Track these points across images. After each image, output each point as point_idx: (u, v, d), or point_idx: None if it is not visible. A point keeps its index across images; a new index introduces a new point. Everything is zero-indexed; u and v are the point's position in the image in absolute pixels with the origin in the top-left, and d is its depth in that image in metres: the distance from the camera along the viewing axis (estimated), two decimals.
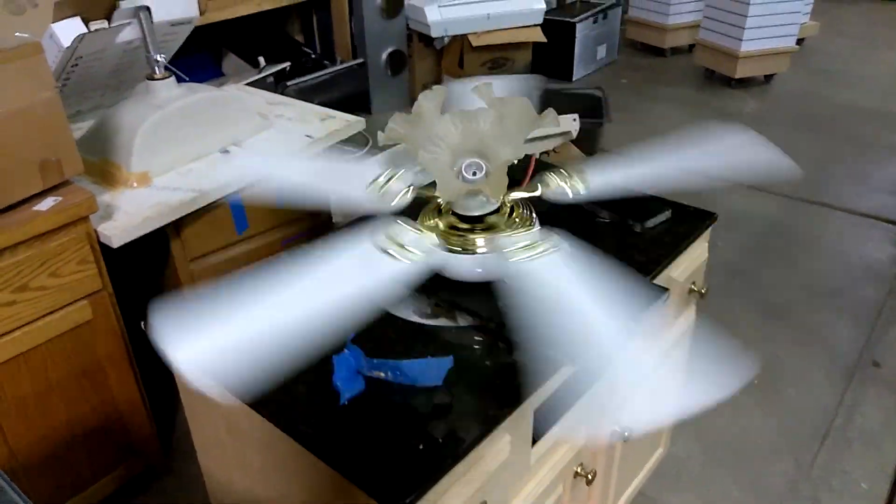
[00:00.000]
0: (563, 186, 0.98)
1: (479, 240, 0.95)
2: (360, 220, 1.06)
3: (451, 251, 0.95)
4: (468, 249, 0.95)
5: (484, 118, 0.91)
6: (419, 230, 0.92)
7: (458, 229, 0.97)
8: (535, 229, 0.96)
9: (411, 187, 0.97)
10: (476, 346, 0.92)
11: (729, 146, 1.04)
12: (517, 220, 1.00)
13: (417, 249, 0.89)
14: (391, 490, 0.73)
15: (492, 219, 0.97)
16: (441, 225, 0.98)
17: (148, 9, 1.49)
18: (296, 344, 0.73)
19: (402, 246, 0.89)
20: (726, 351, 0.84)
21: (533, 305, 0.82)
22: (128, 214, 1.35)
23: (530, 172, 1.14)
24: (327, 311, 0.77)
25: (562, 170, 1.01)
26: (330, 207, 1.73)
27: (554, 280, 0.85)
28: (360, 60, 3.40)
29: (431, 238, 0.93)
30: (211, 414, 0.99)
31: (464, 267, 0.95)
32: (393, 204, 0.96)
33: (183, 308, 0.75)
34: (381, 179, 0.97)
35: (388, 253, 0.88)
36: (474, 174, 0.93)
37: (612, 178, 1.00)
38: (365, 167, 1.03)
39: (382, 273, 0.87)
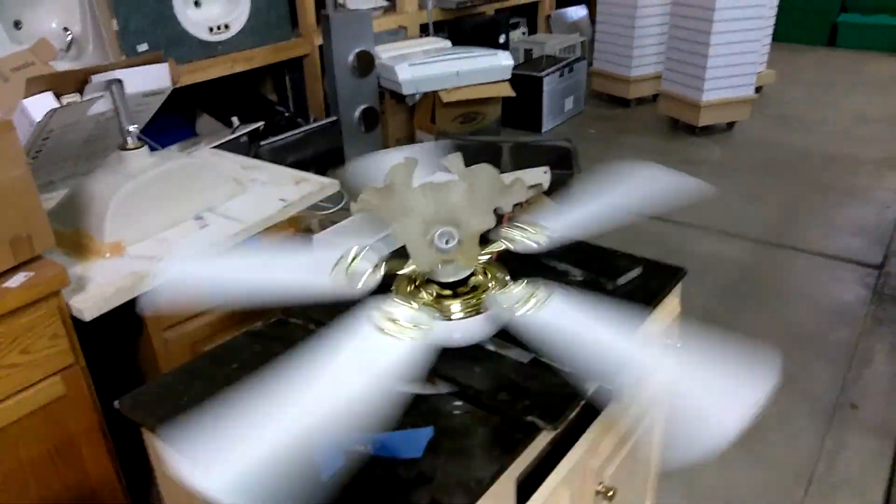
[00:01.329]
0: (525, 240, 1.01)
1: (472, 302, 0.96)
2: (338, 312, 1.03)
3: (451, 319, 0.95)
4: (467, 313, 0.96)
5: (455, 189, 0.93)
6: (413, 305, 0.91)
7: (443, 297, 0.98)
8: (522, 283, 0.97)
9: (379, 265, 0.97)
10: (456, 413, 0.92)
11: (645, 179, 1.15)
12: (497, 276, 1.01)
13: (420, 324, 0.88)
14: None
15: (474, 280, 0.99)
16: (426, 296, 0.98)
17: (120, 81, 1.51)
18: (322, 452, 0.74)
19: (402, 325, 0.87)
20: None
21: (560, 347, 0.87)
22: (100, 286, 1.34)
23: (506, 221, 1.16)
24: (351, 411, 0.75)
25: (518, 224, 1.03)
26: (283, 300, 1.67)
27: (570, 320, 0.90)
28: (333, 118, 3.45)
29: (428, 311, 0.92)
30: (190, 498, 0.96)
31: (472, 331, 0.97)
32: (362, 285, 0.95)
33: (195, 428, 0.73)
34: (343, 261, 0.96)
35: (392, 335, 0.86)
36: (447, 242, 0.94)
37: (562, 226, 1.05)
38: (317, 251, 1.02)
39: (393, 357, 0.84)
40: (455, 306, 0.97)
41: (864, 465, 1.74)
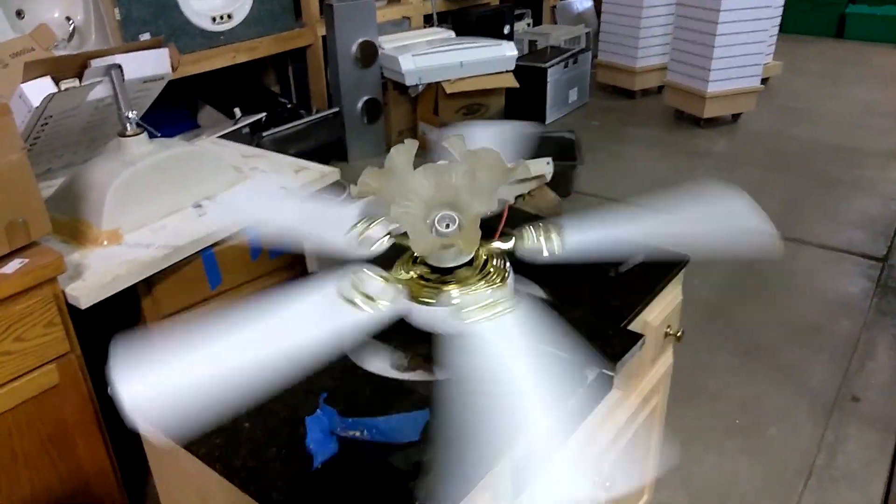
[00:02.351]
0: (540, 243, 0.98)
1: (444, 292, 0.95)
2: (333, 269, 1.05)
3: (415, 301, 0.94)
4: (430, 301, 0.95)
5: (456, 172, 0.92)
6: (385, 279, 0.93)
7: (427, 280, 0.97)
8: (504, 284, 0.96)
9: (388, 235, 0.97)
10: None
11: (718, 212, 1.00)
12: (491, 271, 0.99)
13: (381, 299, 0.90)
14: None
15: (462, 272, 0.97)
16: (412, 274, 0.98)
17: (119, 67, 1.49)
18: (245, 389, 0.74)
19: (365, 295, 0.90)
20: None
21: (481, 367, 0.83)
22: (97, 273, 1.33)
23: (503, 222, 1.15)
24: (282, 357, 0.77)
25: (539, 224, 1.00)
26: (305, 254, 1.72)
27: (500, 343, 0.86)
28: (335, 109, 3.43)
29: (397, 287, 0.93)
30: (182, 483, 0.96)
31: (421, 319, 0.95)
32: (370, 250, 0.96)
33: (141, 346, 0.75)
34: (360, 225, 0.97)
35: (351, 301, 0.89)
36: (447, 227, 0.93)
37: (590, 238, 0.99)
38: (346, 212, 1.03)
39: (343, 321, 0.87)
40: (425, 292, 0.96)
41: (864, 459, 1.73)
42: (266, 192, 1.62)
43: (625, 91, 4.52)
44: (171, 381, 0.74)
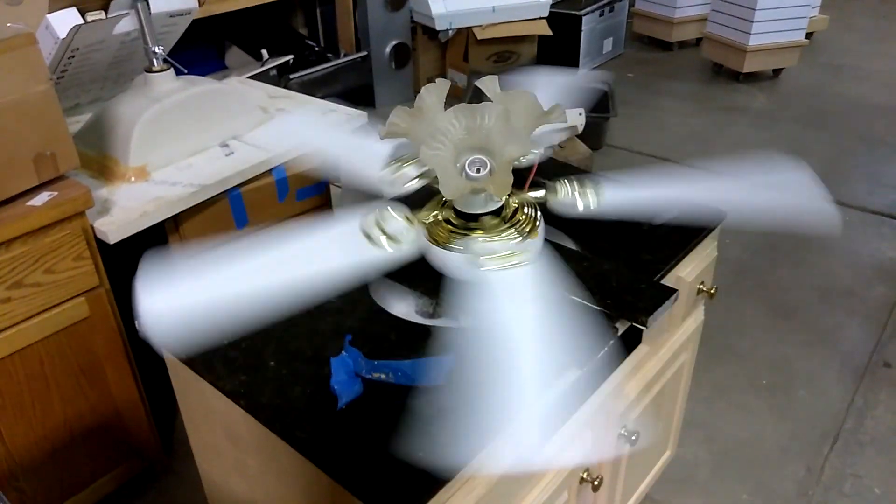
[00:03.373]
0: (574, 197, 0.95)
1: (465, 239, 0.92)
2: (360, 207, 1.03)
3: (434, 245, 0.92)
4: (451, 246, 0.92)
5: (489, 113, 0.88)
6: (409, 219, 0.91)
7: (452, 224, 0.94)
8: (526, 236, 0.93)
9: (421, 175, 0.95)
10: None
11: (779, 183, 0.95)
12: (522, 219, 0.97)
13: (401, 239, 0.89)
14: (390, 500, 0.70)
15: (487, 219, 0.94)
16: (439, 217, 0.95)
17: None
18: (258, 311, 0.77)
19: (385, 232, 0.89)
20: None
21: (489, 318, 0.83)
22: (125, 210, 1.33)
23: (532, 175, 1.11)
24: (297, 285, 0.79)
25: (576, 179, 0.97)
26: (332, 194, 1.72)
27: (507, 297, 0.85)
28: (363, 53, 3.37)
29: (418, 229, 0.91)
30: (208, 418, 0.96)
31: (436, 263, 0.93)
32: (403, 188, 0.94)
33: (165, 266, 0.77)
34: (396, 163, 0.95)
35: (370, 237, 0.89)
36: (478, 171, 0.90)
37: (628, 197, 0.96)
38: (385, 149, 1.00)
39: (360, 256, 0.87)
40: (446, 236, 0.93)
41: (893, 425, 1.70)
42: (308, 122, 1.60)
43: (662, 42, 4.37)
44: (190, 297, 0.76)
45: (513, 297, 0.84)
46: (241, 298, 0.77)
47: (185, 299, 0.75)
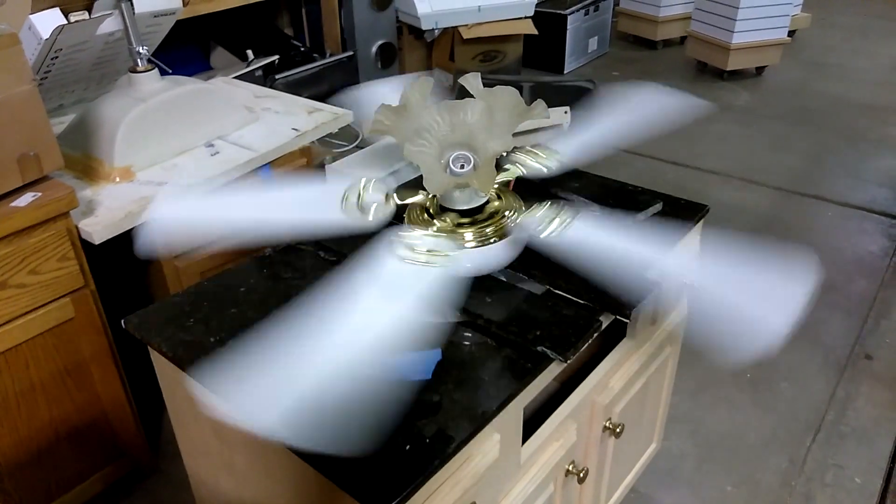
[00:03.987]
0: (536, 164, 1.00)
1: (492, 228, 0.94)
2: (353, 245, 1.03)
3: (474, 246, 0.93)
4: (487, 240, 0.93)
5: (472, 109, 0.89)
6: (432, 233, 0.92)
7: (462, 225, 0.95)
8: (545, 205, 0.95)
9: (388, 195, 0.95)
10: (465, 343, 0.90)
11: (647, 99, 1.15)
12: (514, 203, 0.98)
13: (443, 251, 0.89)
14: (377, 492, 0.71)
15: (491, 207, 0.96)
16: (443, 224, 0.96)
17: None
18: (374, 385, 0.75)
19: (425, 253, 0.88)
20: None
21: (591, 264, 0.89)
22: (110, 210, 1.32)
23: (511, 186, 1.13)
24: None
25: (529, 148, 1.01)
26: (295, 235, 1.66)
27: (598, 238, 0.92)
28: (349, 53, 3.37)
29: (447, 239, 0.92)
30: (196, 416, 0.96)
31: (497, 257, 0.95)
32: (376, 216, 0.94)
33: (226, 365, 0.77)
34: (352, 194, 0.95)
35: (415, 263, 0.88)
36: (462, 167, 0.91)
37: (573, 149, 1.04)
38: (328, 188, 1.01)
39: (421, 284, 0.86)
40: (473, 233, 0.94)
41: (874, 416, 1.72)
42: (277, 136, 1.59)
43: (646, 41, 4.40)
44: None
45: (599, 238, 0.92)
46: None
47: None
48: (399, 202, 0.96)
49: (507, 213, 0.97)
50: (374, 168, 1.22)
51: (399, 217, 0.99)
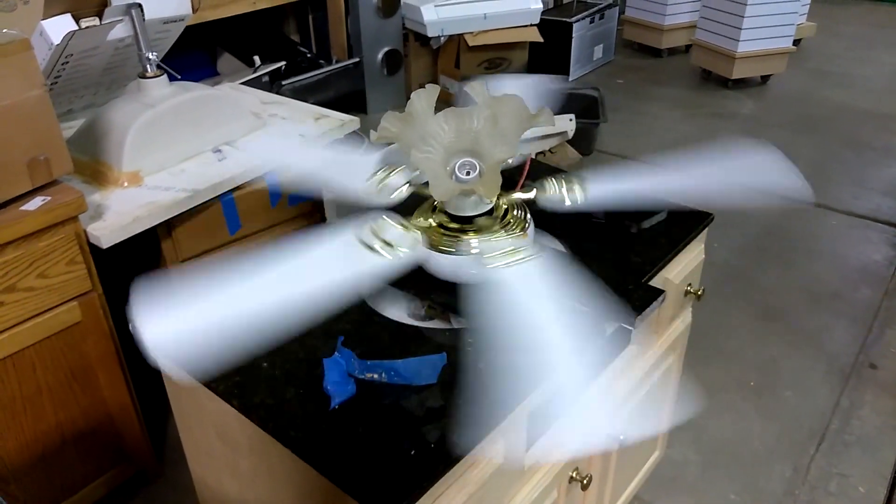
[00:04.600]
0: (561, 193, 0.98)
1: (464, 241, 0.94)
2: (352, 217, 1.05)
3: (434, 250, 0.94)
4: (449, 250, 0.94)
5: (477, 117, 0.90)
6: (405, 226, 0.93)
7: (447, 228, 0.96)
8: (525, 233, 0.95)
9: (408, 184, 0.96)
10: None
11: (748, 165, 1.02)
12: (511, 221, 0.98)
13: (400, 246, 0.90)
14: (381, 497, 0.71)
15: (482, 220, 0.96)
16: (431, 223, 0.97)
17: (140, 6, 1.47)
18: (265, 329, 0.76)
19: (384, 241, 0.90)
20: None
21: (503, 314, 0.83)
22: (118, 214, 1.34)
23: (525, 173, 1.13)
24: (301, 300, 0.79)
25: (561, 176, 0.99)
26: (324, 202, 1.72)
27: (523, 290, 0.85)
28: (355, 60, 3.38)
29: (416, 235, 0.92)
30: (201, 420, 0.97)
31: (442, 267, 0.95)
32: (390, 198, 0.96)
33: (163, 289, 0.76)
34: (380, 173, 0.97)
35: (370, 247, 0.89)
36: (468, 174, 0.91)
37: (613, 189, 0.99)
38: (366, 160, 1.02)
39: (361, 266, 0.88)
40: (445, 240, 0.95)
41: (878, 425, 1.72)
42: (287, 139, 1.61)
43: (651, 49, 4.41)
44: (191, 321, 0.75)
45: (523, 293, 0.85)
46: (243, 319, 0.75)
47: (186, 324, 0.74)
48: (414, 191, 0.97)
49: (514, 210, 0.97)
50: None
51: (414, 204, 1.00)
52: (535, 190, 0.99)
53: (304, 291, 0.79)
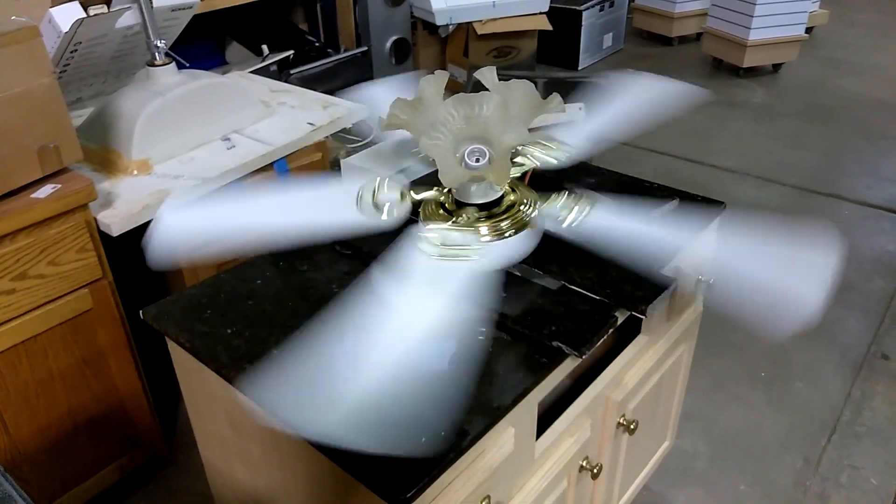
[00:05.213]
0: (546, 157, 0.99)
1: (510, 220, 0.94)
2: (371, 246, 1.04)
3: (495, 238, 0.93)
4: (506, 233, 0.94)
5: (487, 103, 0.89)
6: (402, 194, 0.94)
7: (481, 219, 0.95)
8: (563, 195, 0.96)
9: (403, 192, 0.95)
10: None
11: (645, 88, 1.16)
12: (530, 196, 0.99)
13: (472, 246, 0.90)
14: (392, 484, 0.71)
15: (508, 200, 0.96)
16: (463, 219, 0.96)
17: None
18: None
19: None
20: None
21: (618, 247, 0.89)
22: (128, 202, 1.34)
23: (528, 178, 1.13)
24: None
25: (537, 142, 1.01)
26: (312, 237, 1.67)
27: (621, 223, 0.92)
28: (363, 49, 3.37)
29: (470, 233, 0.92)
30: (212, 407, 0.97)
31: (517, 249, 0.95)
32: (394, 214, 0.95)
33: (273, 372, 0.80)
34: (368, 192, 0.95)
35: (454, 259, 0.89)
36: (477, 161, 0.91)
37: (577, 140, 1.04)
38: (341, 187, 1.01)
39: (463, 279, 0.88)
40: (489, 227, 0.94)
41: (890, 417, 1.71)
42: (292, 130, 1.60)
43: (662, 37, 4.37)
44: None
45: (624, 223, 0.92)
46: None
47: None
48: (415, 198, 0.96)
49: (522, 205, 0.97)
50: (384, 165, 1.23)
51: (415, 213, 1.00)
52: (528, 159, 1.00)
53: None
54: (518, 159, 1.00)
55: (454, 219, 0.96)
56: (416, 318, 0.81)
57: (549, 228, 0.99)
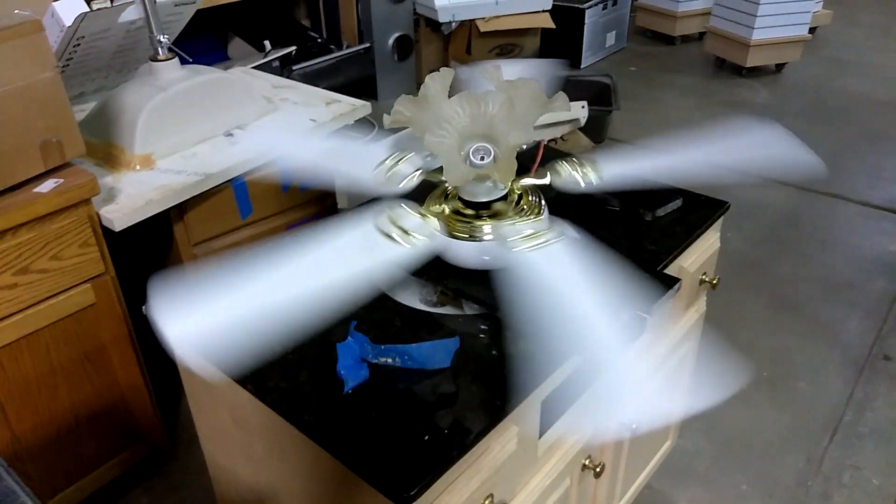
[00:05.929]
0: (575, 176, 0.96)
1: (483, 227, 0.93)
2: (365, 205, 1.05)
3: (453, 237, 0.93)
4: (470, 236, 0.93)
5: (493, 101, 0.89)
6: (422, 214, 0.92)
7: (462, 215, 0.95)
8: (541, 217, 0.94)
9: (419, 171, 0.95)
10: (482, 335, 0.90)
11: (754, 141, 1.02)
12: (525, 207, 0.97)
13: (419, 234, 0.89)
14: (395, 481, 0.71)
15: (498, 205, 0.95)
16: (446, 210, 0.96)
17: None
18: (290, 323, 0.74)
19: (403, 230, 0.89)
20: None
21: (533, 297, 0.81)
22: (130, 197, 1.34)
23: (539, 159, 1.12)
24: (324, 292, 0.77)
25: (574, 158, 0.98)
26: (335, 189, 1.72)
27: (554, 271, 0.84)
28: (366, 45, 3.36)
29: (434, 223, 0.92)
30: (215, 402, 0.97)
31: (464, 254, 0.94)
32: (400, 187, 0.95)
33: (181, 284, 0.75)
34: (389, 162, 0.95)
35: (389, 236, 0.88)
36: (482, 159, 0.90)
37: (626, 169, 0.98)
38: (374, 149, 1.01)
39: (381, 256, 0.87)
40: (463, 227, 0.94)
41: (893, 417, 1.71)
42: (295, 126, 1.60)
43: (664, 36, 4.36)
44: (213, 316, 0.73)
45: (552, 275, 0.84)
46: (269, 312, 0.74)
47: (208, 321, 0.72)
48: (426, 178, 0.96)
49: (509, 214, 0.96)
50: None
51: (425, 192, 0.99)
52: (549, 175, 0.98)
53: (325, 284, 0.78)
54: (541, 177, 0.98)
55: (435, 207, 0.96)
56: (318, 274, 0.80)
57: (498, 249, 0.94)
